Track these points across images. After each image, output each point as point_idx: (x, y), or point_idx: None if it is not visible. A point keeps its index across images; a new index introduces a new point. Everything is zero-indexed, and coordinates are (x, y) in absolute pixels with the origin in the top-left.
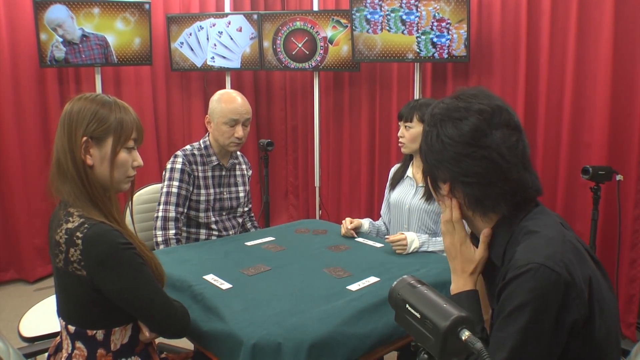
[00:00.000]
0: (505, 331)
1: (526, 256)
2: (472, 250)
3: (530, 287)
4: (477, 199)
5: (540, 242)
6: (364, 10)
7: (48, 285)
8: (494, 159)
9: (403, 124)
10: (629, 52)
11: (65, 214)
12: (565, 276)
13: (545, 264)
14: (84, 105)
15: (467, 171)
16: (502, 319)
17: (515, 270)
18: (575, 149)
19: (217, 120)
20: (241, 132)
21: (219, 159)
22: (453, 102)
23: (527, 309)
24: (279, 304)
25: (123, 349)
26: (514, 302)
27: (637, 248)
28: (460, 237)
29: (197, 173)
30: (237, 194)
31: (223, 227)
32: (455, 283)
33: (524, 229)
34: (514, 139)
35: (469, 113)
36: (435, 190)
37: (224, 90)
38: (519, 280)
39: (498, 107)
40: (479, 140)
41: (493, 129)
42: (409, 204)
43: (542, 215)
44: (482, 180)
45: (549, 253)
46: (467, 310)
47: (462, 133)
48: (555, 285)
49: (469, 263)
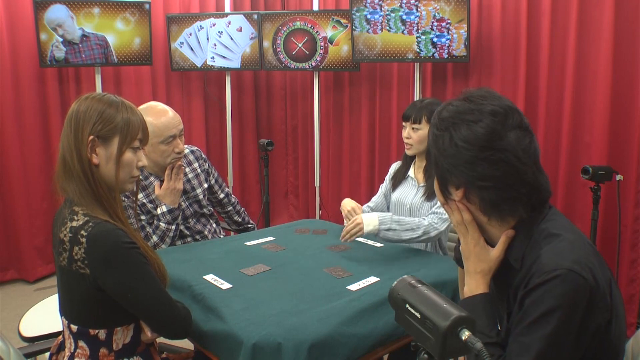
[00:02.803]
0: (531, 336)
1: (553, 261)
2: (486, 250)
3: (559, 293)
4: (493, 203)
5: (564, 245)
6: (364, 10)
7: (48, 285)
8: (510, 161)
9: (410, 125)
10: (629, 52)
11: (70, 212)
12: (591, 281)
13: (572, 268)
14: (91, 104)
15: (484, 175)
16: (528, 324)
17: (543, 276)
18: (575, 149)
19: (152, 141)
20: (181, 145)
21: (158, 175)
22: (463, 104)
23: (555, 314)
24: (279, 304)
25: (125, 349)
26: (542, 307)
27: (637, 248)
28: (473, 238)
29: (142, 201)
30: (195, 198)
31: (197, 231)
32: (467, 284)
33: (544, 231)
34: (527, 141)
35: (482, 115)
36: (445, 196)
37: (144, 105)
38: (548, 285)
39: (510, 108)
40: (495, 143)
41: (507, 131)
42: (410, 203)
43: (558, 216)
44: (499, 184)
45: (575, 257)
46: (483, 315)
47: (477, 136)
48: (583, 290)
49: (483, 263)
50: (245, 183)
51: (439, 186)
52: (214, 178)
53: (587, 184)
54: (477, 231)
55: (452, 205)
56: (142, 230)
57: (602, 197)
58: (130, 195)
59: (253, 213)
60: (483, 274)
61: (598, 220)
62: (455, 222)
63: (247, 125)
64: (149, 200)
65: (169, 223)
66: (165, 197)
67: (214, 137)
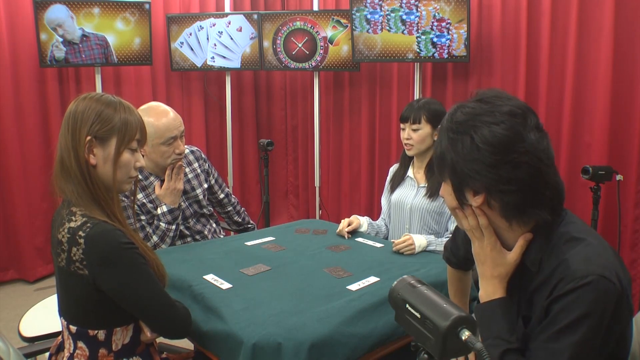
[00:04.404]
0: (560, 343)
1: (584, 267)
2: (503, 254)
3: (591, 299)
4: (517, 207)
5: (592, 251)
6: (364, 10)
7: (48, 285)
8: (534, 163)
9: (409, 126)
10: (629, 52)
11: (68, 213)
12: (618, 286)
13: (604, 274)
14: (88, 104)
15: (508, 178)
16: (558, 330)
17: (574, 282)
18: (575, 149)
19: (153, 142)
20: (182, 147)
21: (158, 175)
22: (479, 106)
23: (586, 321)
24: (279, 304)
25: (124, 349)
26: (573, 314)
27: (637, 248)
28: (490, 242)
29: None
30: (195, 198)
31: (197, 231)
32: (484, 289)
33: (565, 235)
34: (545, 142)
35: (502, 116)
36: (461, 201)
37: (145, 105)
38: (579, 292)
39: (527, 109)
40: (518, 145)
41: (528, 132)
42: (410, 204)
43: (576, 219)
44: (524, 187)
45: (604, 263)
46: (502, 320)
47: (499, 138)
48: (612, 296)
49: (500, 267)
50: (245, 183)
51: (455, 192)
52: (214, 178)
53: (587, 184)
54: (493, 235)
55: (468, 210)
56: (142, 231)
57: (602, 197)
58: (129, 195)
59: (253, 213)
60: (500, 278)
61: (598, 220)
62: (471, 226)
63: (247, 125)
64: (149, 200)
65: (169, 223)
66: (165, 197)
67: (214, 137)
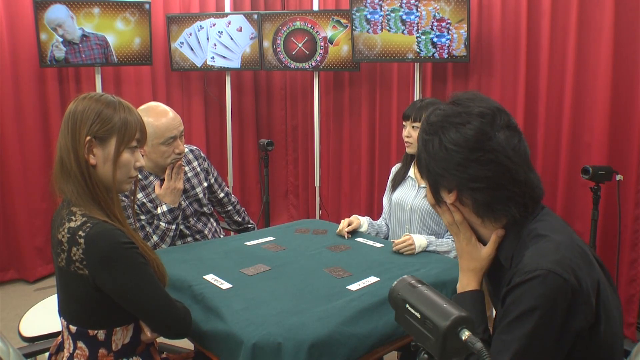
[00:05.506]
0: (510, 335)
1: (535, 261)
2: (478, 248)
3: (539, 293)
4: (486, 204)
5: (549, 246)
6: (364, 10)
7: (48, 285)
8: (501, 161)
9: (410, 124)
10: (629, 52)
11: (68, 212)
12: (573, 282)
13: (553, 270)
14: (88, 104)
15: (476, 176)
16: (508, 322)
17: (523, 276)
18: (575, 149)
19: (152, 142)
20: (182, 146)
21: (158, 175)
22: (451, 108)
23: (534, 314)
24: (279, 304)
25: (124, 349)
26: (521, 307)
27: (637, 248)
28: (465, 237)
29: (142, 200)
30: (195, 197)
31: (197, 230)
32: (460, 281)
33: (533, 231)
34: (516, 140)
35: (470, 117)
36: (437, 199)
37: (145, 105)
38: (527, 285)
39: (497, 109)
40: (485, 144)
41: (496, 131)
42: (410, 204)
43: (550, 217)
44: (491, 185)
45: (558, 258)
46: (472, 311)
47: (466, 138)
48: (563, 291)
49: (475, 261)
50: (245, 183)
51: (431, 190)
52: (214, 177)
53: (587, 184)
54: (468, 230)
55: (444, 206)
56: (142, 230)
57: (602, 197)
58: (129, 195)
59: (253, 213)
60: (475, 271)
61: (598, 220)
62: (448, 222)
63: (247, 125)
64: (149, 200)
65: (169, 223)
66: (165, 197)
67: (214, 137)
